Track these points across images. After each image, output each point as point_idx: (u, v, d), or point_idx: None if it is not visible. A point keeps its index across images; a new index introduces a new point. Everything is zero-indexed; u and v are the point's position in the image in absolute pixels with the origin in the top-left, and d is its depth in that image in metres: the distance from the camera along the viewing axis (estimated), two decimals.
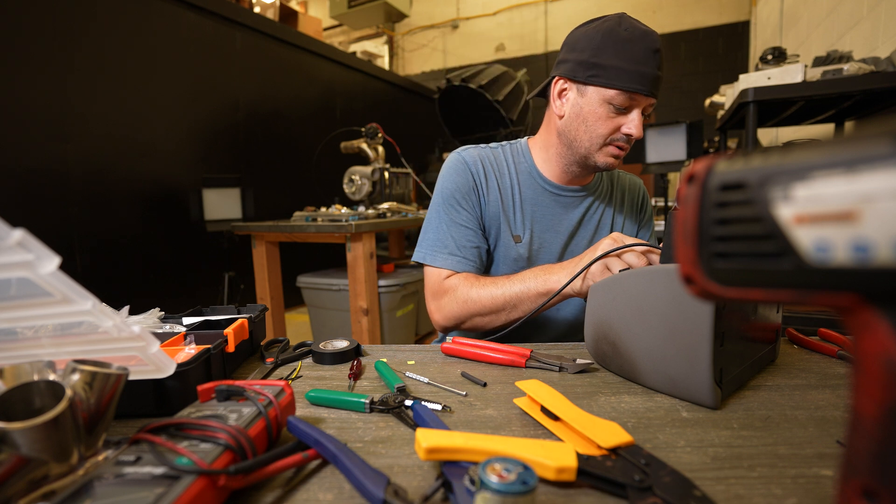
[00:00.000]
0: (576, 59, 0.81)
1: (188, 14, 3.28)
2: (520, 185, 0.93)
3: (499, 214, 0.92)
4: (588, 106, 0.82)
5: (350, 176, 2.52)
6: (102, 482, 0.33)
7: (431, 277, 0.91)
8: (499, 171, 0.93)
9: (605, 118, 0.81)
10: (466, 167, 0.91)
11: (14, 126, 2.40)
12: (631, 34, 0.77)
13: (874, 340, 0.19)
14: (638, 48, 0.76)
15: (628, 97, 0.78)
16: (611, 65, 0.77)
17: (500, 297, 0.81)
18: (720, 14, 5.29)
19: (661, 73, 0.79)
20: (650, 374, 0.55)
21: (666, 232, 0.62)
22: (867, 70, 1.63)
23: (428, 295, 0.92)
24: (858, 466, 0.20)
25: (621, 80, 0.77)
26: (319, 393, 0.54)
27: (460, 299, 0.85)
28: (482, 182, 0.91)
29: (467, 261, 0.90)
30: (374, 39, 6.74)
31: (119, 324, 0.39)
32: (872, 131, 0.18)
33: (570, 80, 0.84)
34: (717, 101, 2.94)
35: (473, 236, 0.91)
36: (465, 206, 0.91)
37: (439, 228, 0.91)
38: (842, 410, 0.48)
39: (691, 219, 0.24)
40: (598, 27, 0.80)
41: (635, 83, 0.77)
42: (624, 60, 0.77)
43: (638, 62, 0.76)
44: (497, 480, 0.29)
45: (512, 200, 0.93)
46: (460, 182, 0.91)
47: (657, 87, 0.79)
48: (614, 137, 0.82)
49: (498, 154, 0.95)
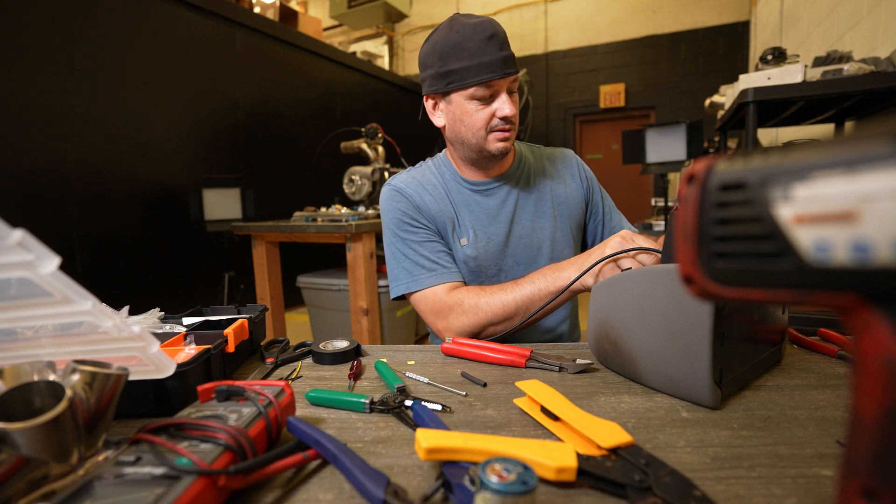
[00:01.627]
0: (430, 74, 0.88)
1: (188, 14, 3.28)
2: (450, 192, 0.97)
3: (445, 225, 0.95)
4: (458, 109, 0.88)
5: (350, 176, 2.52)
6: (102, 482, 0.33)
7: (427, 300, 0.90)
8: (431, 186, 0.97)
9: (476, 111, 0.87)
10: (401, 193, 0.95)
11: (14, 126, 2.40)
12: (462, 34, 0.83)
13: (874, 340, 0.19)
14: (472, 43, 0.82)
15: (485, 87, 0.84)
16: (457, 67, 0.84)
17: (512, 303, 0.81)
18: (720, 14, 5.29)
19: (505, 53, 0.84)
20: (650, 373, 0.55)
21: (666, 232, 0.62)
22: (867, 70, 1.63)
23: (429, 317, 0.90)
24: (858, 466, 0.20)
25: (471, 76, 0.83)
26: (319, 393, 0.54)
27: (470, 312, 0.84)
28: (421, 200, 0.94)
29: (449, 270, 0.90)
30: (374, 39, 6.74)
31: (119, 324, 0.39)
32: (872, 131, 0.18)
33: (434, 95, 0.91)
34: (717, 102, 2.94)
35: (441, 246, 0.93)
36: (417, 224, 0.93)
37: (405, 255, 0.92)
38: (842, 410, 0.48)
39: (691, 219, 0.24)
40: (435, 40, 0.87)
41: (484, 73, 0.83)
42: (465, 59, 0.83)
43: (477, 55, 0.83)
44: (497, 480, 0.29)
45: (451, 208, 0.96)
46: (402, 207, 0.94)
47: (508, 66, 0.84)
48: (493, 125, 0.88)
49: (424, 171, 1.00)
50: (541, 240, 0.96)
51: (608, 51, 5.85)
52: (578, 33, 5.96)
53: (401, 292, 0.93)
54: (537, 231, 0.96)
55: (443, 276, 0.89)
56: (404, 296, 0.94)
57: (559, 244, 0.97)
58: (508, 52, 0.85)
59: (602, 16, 5.83)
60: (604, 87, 5.87)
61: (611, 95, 5.86)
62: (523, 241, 0.96)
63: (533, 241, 0.96)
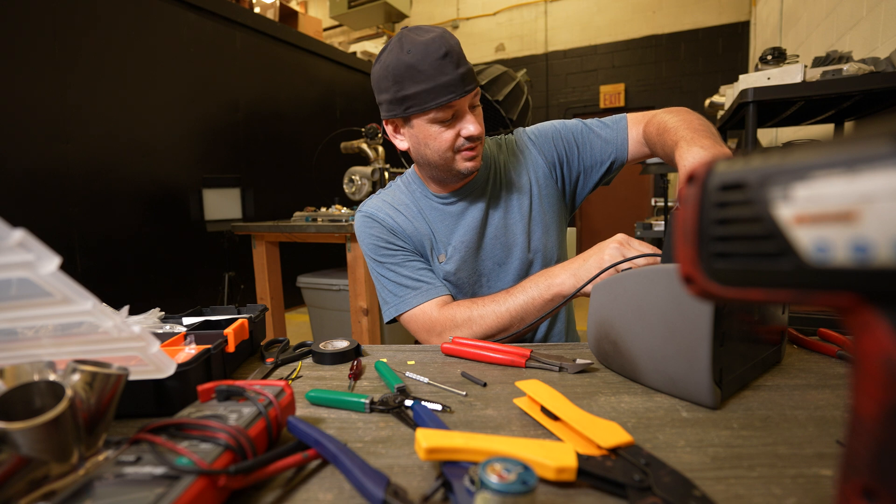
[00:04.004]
0: (387, 99, 0.84)
1: (188, 14, 3.28)
2: (423, 210, 0.95)
3: (422, 244, 0.94)
4: (420, 132, 0.84)
5: (350, 176, 2.52)
6: (102, 482, 0.33)
7: (417, 319, 0.88)
8: (403, 206, 0.95)
9: (439, 133, 0.83)
10: (372, 219, 0.94)
11: (14, 126, 2.40)
12: (414, 55, 0.78)
13: (874, 340, 0.19)
14: (426, 65, 0.78)
15: (446, 109, 0.80)
16: (414, 92, 0.79)
17: (506, 314, 0.80)
18: (720, 14, 5.29)
19: (462, 69, 0.79)
20: (650, 373, 0.55)
21: (666, 232, 0.62)
22: (867, 70, 1.63)
23: (423, 335, 0.89)
24: (858, 466, 0.20)
25: (430, 99, 0.79)
26: (319, 393, 0.54)
27: (464, 326, 0.83)
28: (394, 223, 0.93)
29: (433, 286, 0.89)
30: (374, 39, 6.73)
31: (119, 324, 0.39)
32: (872, 131, 0.18)
33: (393, 119, 0.87)
34: (716, 102, 2.94)
35: (422, 264, 0.92)
36: (394, 247, 0.92)
37: (388, 278, 0.91)
38: (842, 410, 0.48)
39: (691, 219, 0.24)
40: (387, 62, 0.81)
41: (442, 95, 0.79)
42: (421, 83, 0.78)
43: (433, 77, 0.78)
44: (497, 480, 0.29)
45: (426, 226, 0.94)
46: (376, 232, 0.93)
47: (468, 82, 0.80)
48: (458, 145, 0.84)
49: (395, 192, 0.98)
50: (514, 234, 0.94)
51: (608, 51, 5.85)
52: (578, 33, 5.95)
53: (392, 315, 0.91)
54: (510, 226, 0.94)
55: (428, 292, 0.88)
56: (395, 318, 0.92)
57: (535, 233, 0.95)
58: (466, 68, 0.80)
59: (602, 16, 5.83)
60: (604, 88, 5.87)
61: (611, 95, 5.86)
62: (499, 241, 0.94)
63: (508, 239, 0.94)
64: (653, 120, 0.84)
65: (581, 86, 6.00)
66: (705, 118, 0.78)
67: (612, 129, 0.95)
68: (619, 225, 5.67)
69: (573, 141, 0.96)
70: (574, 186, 1.00)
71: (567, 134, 0.97)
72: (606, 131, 0.95)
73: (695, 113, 0.81)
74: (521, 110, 3.92)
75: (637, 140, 0.92)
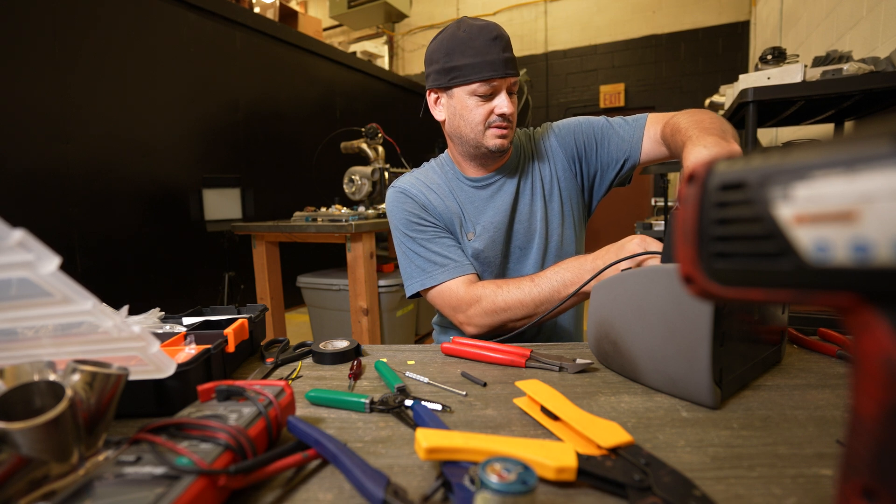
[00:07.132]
0: (435, 70, 0.91)
1: (188, 14, 3.28)
2: (454, 190, 0.99)
3: (452, 222, 0.97)
4: (458, 103, 0.91)
5: (350, 176, 2.52)
6: (102, 482, 0.33)
7: (443, 295, 0.91)
8: (435, 185, 0.99)
9: (476, 107, 0.89)
10: (406, 194, 0.97)
11: (14, 126, 2.40)
12: (469, 33, 0.86)
13: (874, 340, 0.19)
14: (478, 42, 0.86)
15: (487, 85, 0.87)
16: (462, 64, 0.87)
17: (529, 299, 0.82)
18: (720, 14, 5.29)
19: (508, 55, 0.87)
20: (650, 373, 0.55)
21: (666, 232, 0.62)
22: (867, 70, 1.63)
23: (448, 311, 0.91)
24: (858, 466, 0.20)
25: (474, 73, 0.86)
26: (319, 393, 0.54)
27: (489, 309, 0.85)
28: (426, 200, 0.96)
29: (461, 264, 0.92)
30: (374, 39, 6.73)
31: (119, 324, 0.39)
32: (872, 131, 0.18)
33: (437, 89, 0.94)
34: (716, 101, 2.94)
35: (452, 242, 0.95)
36: (425, 223, 0.95)
37: (417, 253, 0.93)
38: (842, 410, 0.48)
39: (691, 219, 0.24)
40: (442, 38, 0.90)
41: (486, 71, 0.86)
42: (470, 57, 0.86)
43: (482, 54, 0.86)
44: (497, 480, 0.29)
45: (457, 205, 0.97)
46: (409, 207, 0.96)
47: (510, 67, 0.88)
48: (491, 120, 0.90)
49: (428, 172, 1.02)
50: (535, 222, 0.98)
51: (608, 51, 5.85)
52: (578, 33, 5.95)
53: (416, 290, 0.94)
54: (534, 213, 0.98)
55: (455, 270, 0.91)
56: (419, 293, 0.95)
57: (553, 223, 0.98)
58: (511, 55, 0.88)
59: (602, 16, 5.83)
60: (603, 87, 5.87)
61: (610, 95, 5.86)
62: (523, 227, 0.98)
63: (531, 225, 0.98)
64: (671, 121, 0.85)
65: (581, 86, 5.99)
66: (722, 118, 0.79)
67: (631, 128, 0.97)
68: (619, 225, 5.67)
69: (593, 137, 0.99)
70: (591, 183, 1.03)
71: (588, 129, 1.00)
72: (626, 129, 0.97)
73: (711, 113, 0.82)
74: (520, 110, 3.92)
75: (654, 139, 0.94)
